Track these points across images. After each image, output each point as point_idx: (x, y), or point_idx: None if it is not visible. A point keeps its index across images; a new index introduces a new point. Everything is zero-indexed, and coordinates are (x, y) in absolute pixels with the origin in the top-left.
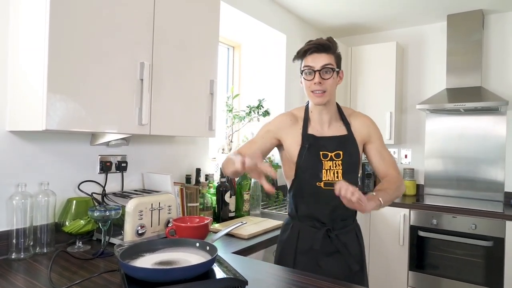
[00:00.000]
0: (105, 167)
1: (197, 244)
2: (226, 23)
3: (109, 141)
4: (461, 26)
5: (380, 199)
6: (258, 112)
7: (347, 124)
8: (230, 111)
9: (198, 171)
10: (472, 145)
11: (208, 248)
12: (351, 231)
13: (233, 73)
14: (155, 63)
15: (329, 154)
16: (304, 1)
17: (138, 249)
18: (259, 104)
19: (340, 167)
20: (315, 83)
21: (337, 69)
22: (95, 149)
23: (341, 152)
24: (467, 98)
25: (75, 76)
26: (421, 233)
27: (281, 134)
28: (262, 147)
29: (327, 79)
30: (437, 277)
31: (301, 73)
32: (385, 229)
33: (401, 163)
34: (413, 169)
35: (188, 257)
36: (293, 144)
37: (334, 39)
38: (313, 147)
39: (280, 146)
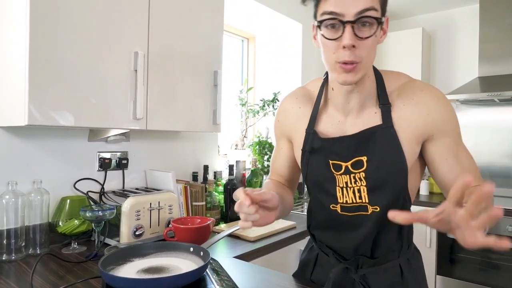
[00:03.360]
0: (104, 164)
1: (191, 249)
2: (239, 15)
3: (108, 137)
4: (495, 7)
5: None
6: (273, 106)
7: (386, 108)
8: (244, 105)
9: (205, 168)
10: (508, 138)
11: (201, 253)
12: (391, 270)
13: (248, 66)
14: (151, 53)
15: (343, 165)
16: None
17: (127, 254)
18: (274, 98)
19: (363, 182)
20: (344, 47)
21: (381, 20)
22: (93, 146)
23: (363, 159)
24: (503, 86)
25: (59, 67)
26: (451, 235)
27: (291, 132)
28: (288, 155)
29: (366, 38)
30: (468, 283)
31: (319, 27)
32: None
33: None
34: None
35: (180, 263)
36: (298, 145)
37: None
38: (319, 153)
39: None
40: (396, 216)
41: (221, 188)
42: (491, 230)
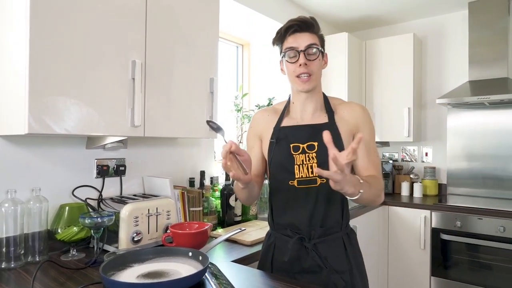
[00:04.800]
0: (102, 171)
1: (190, 254)
2: (234, 22)
3: (106, 144)
4: (484, 13)
5: (361, 191)
6: None
7: (330, 112)
8: (239, 110)
9: (202, 173)
10: (498, 140)
11: (200, 258)
12: (335, 240)
13: (242, 72)
14: (148, 61)
15: (301, 146)
16: None
17: (126, 260)
18: (269, 103)
19: (315, 160)
20: (300, 65)
21: (322, 50)
22: (91, 153)
23: (315, 144)
24: (492, 90)
25: (59, 76)
26: (444, 236)
27: (261, 133)
28: (257, 154)
29: (313, 60)
30: (462, 283)
31: (283, 57)
32: (405, 232)
33: (422, 161)
34: (434, 168)
35: (179, 268)
36: (266, 142)
37: (348, 33)
38: (282, 141)
39: None
40: (325, 135)
41: (217, 194)
42: (481, 230)
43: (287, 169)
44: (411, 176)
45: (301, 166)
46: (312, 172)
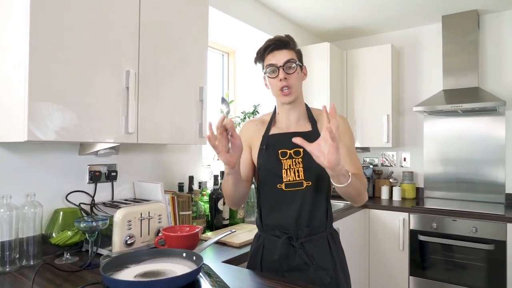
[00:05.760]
0: (94, 176)
1: (184, 254)
2: (220, 30)
3: (98, 151)
4: (456, 26)
5: (350, 176)
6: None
7: (313, 122)
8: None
9: (191, 178)
10: (471, 146)
11: (194, 258)
12: (320, 240)
13: (228, 79)
14: (142, 71)
15: (288, 151)
16: (296, 6)
17: (122, 261)
18: (254, 110)
19: (301, 165)
20: (280, 80)
21: (300, 64)
22: (83, 159)
23: (301, 149)
24: (464, 99)
25: (57, 86)
26: (421, 237)
27: (250, 140)
28: (246, 159)
29: (292, 73)
30: (439, 282)
31: (265, 73)
32: (385, 234)
33: (401, 166)
34: (412, 172)
35: (174, 268)
36: (256, 148)
37: (330, 43)
38: (271, 147)
39: None
40: (295, 140)
41: (206, 198)
42: (455, 230)
43: (275, 173)
44: (391, 180)
45: (288, 170)
46: (298, 176)
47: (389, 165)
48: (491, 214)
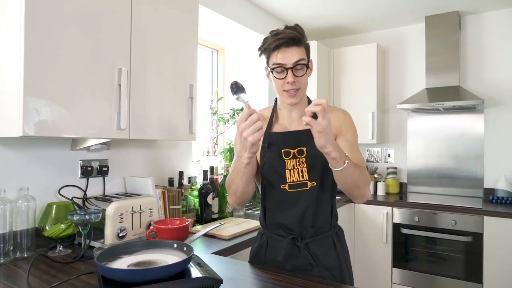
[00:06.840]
0: (86, 171)
1: (175, 245)
2: (209, 28)
3: (90, 146)
4: (438, 27)
5: (347, 162)
6: None
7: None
8: (214, 114)
9: (181, 174)
10: (452, 143)
11: (185, 248)
12: (325, 239)
13: (217, 76)
14: (133, 68)
15: (291, 151)
16: (285, 4)
17: (116, 252)
18: (242, 107)
19: (305, 165)
20: (288, 82)
21: (308, 63)
22: (75, 154)
23: (304, 149)
24: (445, 97)
25: (52, 82)
26: (404, 231)
27: None
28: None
29: (301, 76)
30: (420, 273)
31: (271, 71)
32: (369, 227)
33: (386, 162)
34: (396, 168)
35: (166, 258)
36: (259, 144)
37: (317, 41)
38: (274, 146)
39: None
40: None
41: (195, 193)
42: (436, 224)
43: (279, 173)
44: (375, 175)
45: (292, 170)
46: (302, 176)
47: (374, 161)
48: (470, 208)
